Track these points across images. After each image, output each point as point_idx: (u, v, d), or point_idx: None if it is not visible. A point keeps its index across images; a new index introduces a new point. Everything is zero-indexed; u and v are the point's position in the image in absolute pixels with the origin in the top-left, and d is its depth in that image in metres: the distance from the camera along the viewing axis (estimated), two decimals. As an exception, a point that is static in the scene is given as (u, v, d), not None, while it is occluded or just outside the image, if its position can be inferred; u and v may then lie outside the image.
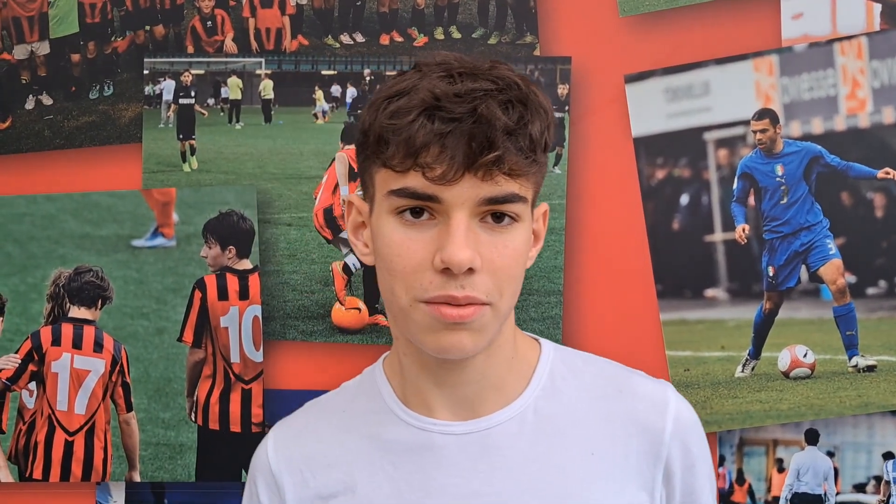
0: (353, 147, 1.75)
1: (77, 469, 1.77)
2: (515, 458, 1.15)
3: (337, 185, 1.76)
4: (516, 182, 1.07)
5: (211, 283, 1.76)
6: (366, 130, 1.10)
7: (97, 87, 1.83)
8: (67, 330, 1.78)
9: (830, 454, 1.65)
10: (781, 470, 1.67)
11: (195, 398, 1.77)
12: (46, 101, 1.84)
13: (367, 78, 1.77)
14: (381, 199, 1.10)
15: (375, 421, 1.20)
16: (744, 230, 1.66)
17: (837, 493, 1.65)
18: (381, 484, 1.17)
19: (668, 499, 1.18)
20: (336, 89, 1.80)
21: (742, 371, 1.66)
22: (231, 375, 1.75)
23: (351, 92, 1.79)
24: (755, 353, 1.67)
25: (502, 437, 1.16)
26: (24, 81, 1.85)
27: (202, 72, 1.83)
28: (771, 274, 1.66)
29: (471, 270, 1.05)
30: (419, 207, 1.07)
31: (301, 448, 1.23)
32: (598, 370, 1.23)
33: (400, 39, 1.76)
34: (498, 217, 1.08)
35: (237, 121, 1.85)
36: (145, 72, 1.81)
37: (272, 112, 1.84)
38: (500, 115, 1.04)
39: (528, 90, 1.09)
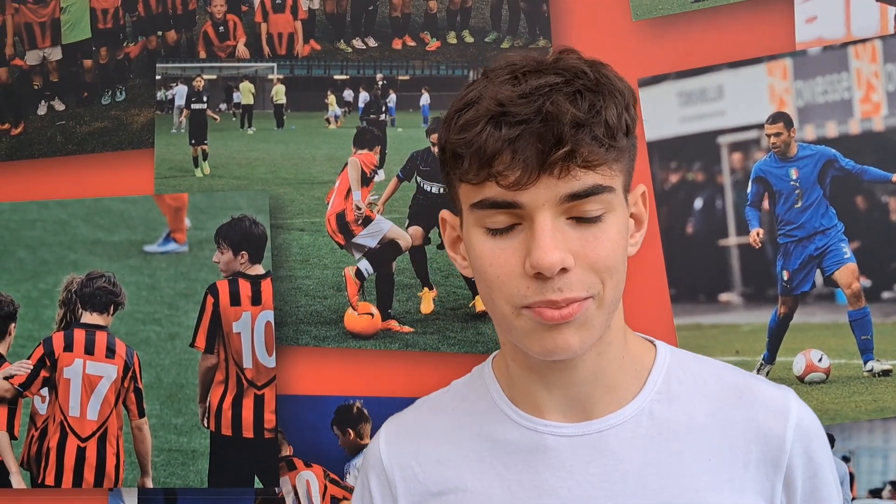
0: (364, 152, 1.76)
1: (89, 475, 1.77)
2: (630, 462, 1.12)
3: (349, 190, 1.75)
4: (597, 172, 1.03)
5: (223, 288, 1.76)
6: (443, 147, 1.10)
7: (109, 93, 1.83)
8: (80, 336, 1.78)
9: (846, 459, 1.64)
10: (797, 475, 1.66)
11: (207, 404, 1.76)
12: (59, 106, 1.84)
13: (380, 82, 1.77)
14: (466, 213, 1.09)
15: (485, 420, 1.19)
16: (758, 234, 1.66)
17: (853, 499, 1.63)
18: (491, 483, 1.16)
19: None
20: (348, 94, 1.80)
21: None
22: (244, 381, 1.75)
23: (363, 96, 1.79)
24: (770, 358, 1.66)
25: (616, 441, 1.13)
26: (36, 87, 1.85)
27: (214, 77, 1.83)
28: (785, 278, 1.65)
29: (564, 270, 1.03)
30: (506, 224, 1.05)
31: (412, 444, 1.23)
32: (716, 374, 1.20)
33: (412, 44, 1.76)
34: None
35: (249, 126, 1.85)
36: (157, 77, 1.81)
37: (284, 117, 1.83)
38: (568, 107, 1.01)
39: (599, 75, 1.06)
